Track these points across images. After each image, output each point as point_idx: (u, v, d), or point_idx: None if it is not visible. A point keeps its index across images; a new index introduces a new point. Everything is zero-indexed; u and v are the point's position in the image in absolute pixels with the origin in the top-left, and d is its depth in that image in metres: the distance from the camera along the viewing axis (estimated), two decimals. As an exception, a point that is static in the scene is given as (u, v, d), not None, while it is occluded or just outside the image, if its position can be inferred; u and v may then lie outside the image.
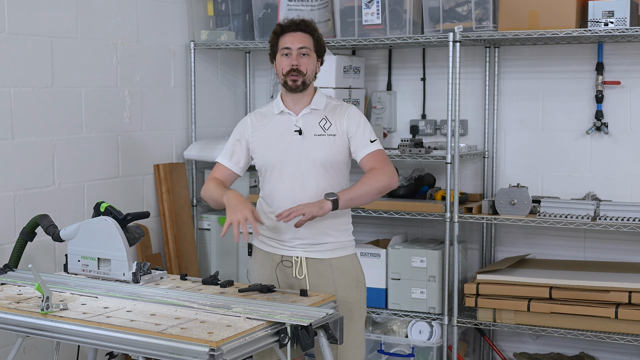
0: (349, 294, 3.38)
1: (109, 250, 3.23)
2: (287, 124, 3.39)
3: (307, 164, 3.35)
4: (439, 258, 4.41)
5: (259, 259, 3.47)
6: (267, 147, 3.39)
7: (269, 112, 3.45)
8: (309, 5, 4.60)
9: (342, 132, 3.38)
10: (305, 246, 3.37)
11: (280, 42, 3.37)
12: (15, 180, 3.90)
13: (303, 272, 3.37)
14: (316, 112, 3.41)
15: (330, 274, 3.37)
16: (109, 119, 4.40)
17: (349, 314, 3.31)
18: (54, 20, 4.06)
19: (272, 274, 3.41)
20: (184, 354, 2.49)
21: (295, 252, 3.38)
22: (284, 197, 3.35)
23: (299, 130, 3.37)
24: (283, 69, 3.35)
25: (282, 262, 3.39)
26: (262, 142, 3.41)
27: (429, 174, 4.74)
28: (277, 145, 3.37)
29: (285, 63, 3.34)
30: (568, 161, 4.58)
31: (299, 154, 3.35)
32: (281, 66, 3.35)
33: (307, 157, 3.35)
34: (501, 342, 4.82)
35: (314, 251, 3.37)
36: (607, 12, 4.03)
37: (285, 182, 3.36)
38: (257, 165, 3.45)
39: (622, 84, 4.42)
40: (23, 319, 2.81)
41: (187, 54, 4.92)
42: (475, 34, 4.23)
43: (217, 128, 5.14)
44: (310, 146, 3.36)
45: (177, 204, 4.81)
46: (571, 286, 4.13)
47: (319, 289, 3.31)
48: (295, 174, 3.35)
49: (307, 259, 3.37)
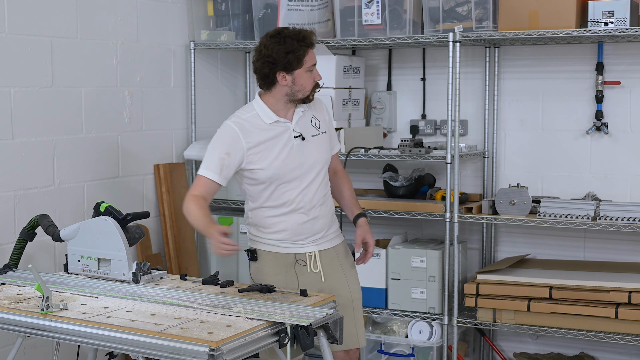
0: (353, 274, 3.62)
1: (109, 250, 3.23)
2: (285, 132, 3.38)
3: (311, 167, 3.41)
4: (439, 258, 4.41)
5: (269, 262, 3.46)
6: (271, 159, 3.34)
7: (257, 122, 3.36)
8: (309, 5, 4.60)
9: (326, 127, 3.51)
10: (316, 240, 3.47)
11: (309, 57, 3.33)
12: (15, 180, 3.90)
13: (318, 266, 3.47)
14: (305, 112, 3.44)
15: (337, 260, 3.54)
16: (109, 119, 4.41)
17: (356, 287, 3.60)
18: (54, 20, 4.06)
19: (287, 274, 3.44)
20: (184, 354, 2.49)
21: (308, 248, 3.46)
22: (294, 203, 3.40)
23: (300, 136, 3.39)
24: (307, 85, 3.34)
25: (297, 261, 3.45)
26: (262, 155, 3.34)
27: (429, 174, 4.74)
28: (281, 156, 3.35)
29: (312, 79, 3.36)
30: (568, 161, 4.58)
31: (304, 158, 3.39)
32: (309, 82, 3.35)
33: (311, 159, 3.41)
34: (501, 342, 4.82)
35: (323, 242, 3.50)
36: (607, 12, 4.03)
37: (292, 189, 3.38)
38: (257, 177, 3.36)
39: (622, 84, 4.42)
40: (23, 319, 2.81)
41: (187, 54, 4.92)
42: (475, 34, 4.23)
43: (217, 128, 5.10)
44: (311, 148, 3.41)
45: (177, 204, 4.81)
46: (571, 286, 4.13)
47: (333, 277, 3.50)
48: (302, 178, 3.39)
49: (320, 252, 3.48)
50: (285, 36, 3.30)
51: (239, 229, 4.87)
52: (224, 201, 4.91)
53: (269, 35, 3.35)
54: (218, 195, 4.92)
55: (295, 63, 3.29)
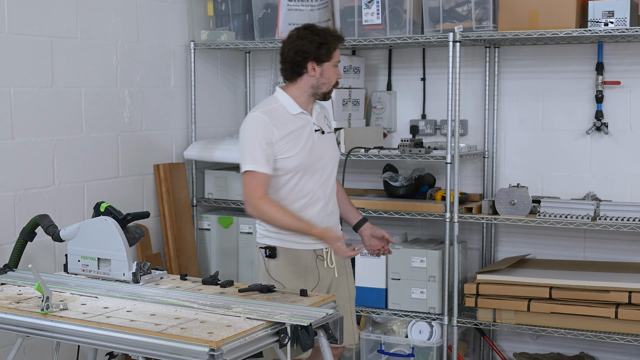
0: (351, 273, 3.74)
1: (109, 250, 3.23)
2: (307, 124, 3.47)
3: (329, 160, 3.54)
4: (439, 258, 4.41)
5: (290, 259, 3.49)
6: (298, 149, 3.41)
7: (284, 113, 3.44)
8: (309, 5, 4.59)
9: (331, 130, 3.63)
10: None
11: (336, 54, 3.47)
12: (15, 180, 3.90)
13: (333, 262, 3.56)
14: (321, 110, 3.59)
15: (341, 258, 3.60)
16: (109, 119, 4.41)
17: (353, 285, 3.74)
18: (54, 20, 4.06)
19: (308, 270, 3.50)
20: (184, 354, 2.49)
21: (324, 244, 3.49)
22: (315, 195, 3.47)
23: (320, 130, 3.50)
24: (332, 80, 3.48)
25: (318, 256, 3.52)
26: (291, 144, 3.40)
27: (429, 174, 4.74)
28: (306, 147, 3.44)
29: (335, 75, 3.48)
30: (568, 161, 4.58)
31: (324, 151, 3.50)
32: (334, 77, 3.48)
33: (329, 153, 3.54)
34: (501, 342, 4.82)
35: None
36: (607, 12, 4.03)
37: (317, 180, 3.47)
38: (285, 166, 3.40)
39: (622, 84, 4.42)
40: (23, 319, 2.81)
41: (187, 54, 4.92)
42: (475, 34, 4.23)
43: (217, 128, 5.14)
44: (328, 143, 3.55)
45: (177, 204, 4.81)
46: (571, 286, 4.13)
47: (341, 274, 3.61)
48: (322, 170, 3.49)
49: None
50: (319, 29, 3.45)
51: (240, 228, 4.87)
52: (224, 201, 4.91)
53: (302, 27, 3.48)
54: (218, 195, 4.94)
55: (326, 55, 3.42)
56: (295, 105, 3.45)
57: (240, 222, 4.87)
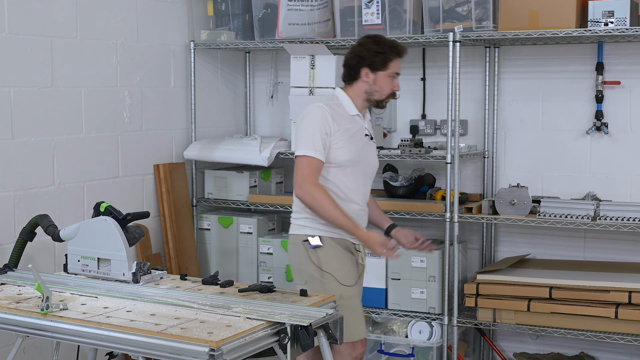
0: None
1: (109, 250, 3.23)
2: (361, 127, 3.59)
3: (372, 167, 3.68)
4: (439, 258, 4.41)
5: (334, 247, 3.56)
6: (352, 145, 3.53)
7: (343, 112, 3.55)
8: (309, 5, 4.59)
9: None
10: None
11: (394, 64, 3.56)
12: (15, 180, 3.90)
13: (364, 259, 3.67)
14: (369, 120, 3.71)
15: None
16: (109, 119, 4.41)
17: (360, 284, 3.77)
18: (54, 20, 4.06)
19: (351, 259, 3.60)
20: (183, 354, 2.49)
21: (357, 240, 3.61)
22: (358, 195, 3.58)
23: (369, 136, 3.64)
24: (386, 89, 3.56)
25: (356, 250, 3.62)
26: (347, 140, 3.51)
27: (429, 174, 4.74)
28: (357, 146, 3.55)
29: (391, 86, 3.57)
30: (568, 161, 4.58)
31: (369, 157, 3.64)
32: (388, 87, 3.57)
33: (373, 161, 3.69)
34: (501, 342, 4.82)
35: None
36: (607, 12, 4.03)
37: (359, 181, 3.58)
38: (337, 158, 3.50)
39: (622, 84, 4.42)
40: (23, 319, 2.81)
41: (187, 54, 4.92)
42: (475, 34, 4.23)
43: (217, 128, 5.14)
44: (374, 151, 3.69)
45: (177, 204, 4.81)
46: (571, 286, 4.13)
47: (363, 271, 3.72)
48: (365, 174, 3.62)
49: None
50: (380, 39, 3.58)
51: (239, 228, 4.87)
52: (224, 201, 4.91)
53: (368, 35, 3.65)
54: (218, 195, 4.94)
55: (381, 64, 3.52)
56: (353, 106, 3.57)
57: (240, 222, 4.87)
